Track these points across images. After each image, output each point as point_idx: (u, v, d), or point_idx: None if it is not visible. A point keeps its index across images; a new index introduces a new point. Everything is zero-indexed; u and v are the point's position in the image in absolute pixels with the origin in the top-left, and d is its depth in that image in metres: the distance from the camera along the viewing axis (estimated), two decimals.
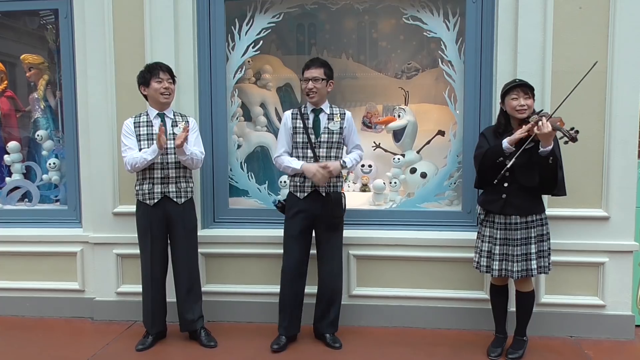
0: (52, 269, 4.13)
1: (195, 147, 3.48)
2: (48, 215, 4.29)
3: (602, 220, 3.57)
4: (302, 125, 3.43)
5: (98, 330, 3.86)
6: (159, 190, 3.42)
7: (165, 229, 3.49)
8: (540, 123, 2.89)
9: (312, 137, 3.42)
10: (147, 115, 3.47)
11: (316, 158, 3.40)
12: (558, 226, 3.53)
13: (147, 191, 3.42)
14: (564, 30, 3.51)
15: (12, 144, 4.52)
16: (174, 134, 3.44)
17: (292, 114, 3.49)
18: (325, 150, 3.43)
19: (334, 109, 3.50)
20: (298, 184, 3.43)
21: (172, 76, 3.46)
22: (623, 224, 3.56)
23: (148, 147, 3.39)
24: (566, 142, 2.92)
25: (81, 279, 4.10)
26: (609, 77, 3.49)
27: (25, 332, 3.86)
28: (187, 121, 3.53)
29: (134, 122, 3.46)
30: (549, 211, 3.45)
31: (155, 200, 3.42)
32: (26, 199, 4.47)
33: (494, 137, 3.25)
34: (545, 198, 3.34)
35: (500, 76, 3.57)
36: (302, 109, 3.48)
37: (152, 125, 3.43)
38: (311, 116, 3.45)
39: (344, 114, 3.51)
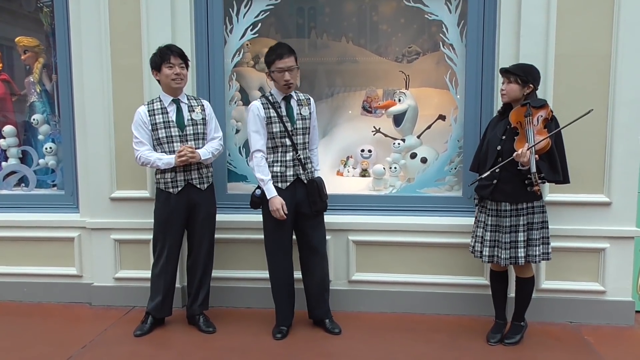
0: (50, 255, 4.11)
1: (213, 142, 3.49)
2: (45, 200, 4.26)
3: (604, 206, 3.54)
4: (275, 115, 3.32)
5: (96, 316, 3.85)
6: (182, 177, 3.39)
7: (186, 217, 3.47)
8: (520, 151, 2.91)
9: (288, 125, 3.33)
10: (161, 101, 3.42)
11: (294, 146, 3.33)
12: (559, 212, 3.51)
13: (169, 179, 3.38)
14: (568, 12, 3.44)
15: (7, 128, 4.47)
16: (191, 119, 3.41)
17: (262, 104, 3.35)
18: (301, 137, 3.36)
19: (298, 94, 3.44)
20: (279, 174, 3.34)
21: (185, 60, 3.40)
22: (624, 210, 3.53)
23: (166, 136, 3.36)
24: (527, 180, 2.99)
25: (79, 264, 4.09)
26: (613, 61, 3.44)
27: (23, 317, 3.85)
28: (203, 105, 3.50)
29: (148, 111, 3.39)
30: (550, 196, 3.43)
31: (179, 188, 3.39)
32: (23, 184, 4.43)
33: (496, 122, 3.27)
34: (547, 183, 3.31)
35: (502, 60, 3.52)
36: (271, 98, 3.37)
37: (167, 112, 3.39)
38: (283, 104, 3.35)
39: (309, 99, 3.47)
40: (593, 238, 3.58)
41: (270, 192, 3.29)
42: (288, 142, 3.33)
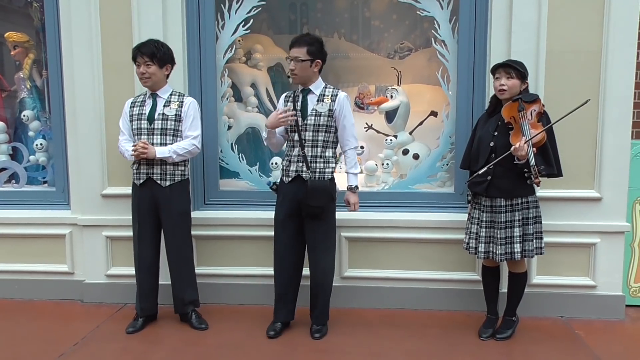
0: (41, 252, 4.08)
1: (183, 141, 3.39)
2: (36, 197, 4.22)
3: (594, 201, 3.56)
4: (291, 108, 3.28)
5: (88, 313, 3.84)
6: (144, 171, 3.38)
7: (154, 213, 3.46)
8: (518, 145, 2.89)
9: (300, 119, 3.27)
10: (145, 94, 3.46)
11: (301, 142, 3.26)
12: (550, 207, 3.52)
13: (135, 171, 3.41)
14: (559, 9, 3.46)
15: None
16: (163, 113, 3.39)
17: (286, 96, 3.37)
18: (311, 133, 3.24)
19: (327, 89, 3.29)
20: (284, 167, 3.34)
21: (153, 57, 3.30)
22: (615, 205, 3.56)
23: (136, 127, 3.40)
24: (526, 174, 2.95)
25: (70, 261, 4.06)
26: (603, 57, 3.46)
27: (14, 314, 3.83)
28: (183, 101, 3.43)
29: (131, 103, 3.46)
30: (541, 192, 3.44)
31: (141, 181, 3.40)
32: (13, 181, 4.40)
33: (485, 119, 3.26)
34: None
35: (494, 56, 3.52)
36: (296, 91, 3.35)
37: (144, 105, 3.41)
38: (300, 97, 3.31)
39: (336, 95, 3.26)
40: (584, 233, 3.60)
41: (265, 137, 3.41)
42: (296, 137, 3.27)
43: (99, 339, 3.40)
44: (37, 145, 4.36)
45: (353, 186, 3.35)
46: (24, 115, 4.41)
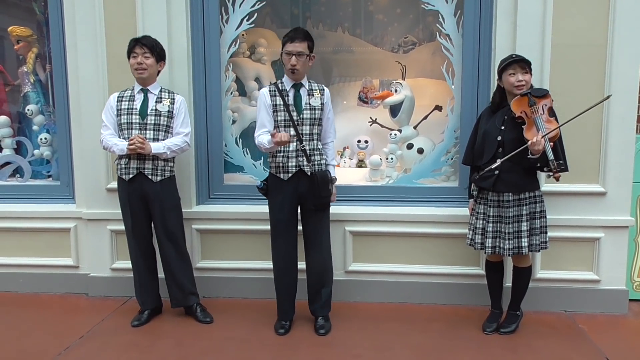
0: (46, 245, 4.10)
1: (175, 137, 3.42)
2: (40, 191, 4.24)
3: (599, 196, 3.56)
4: (282, 103, 3.24)
5: (93, 306, 3.85)
6: (135, 165, 3.37)
7: (145, 205, 3.45)
8: (535, 139, 2.86)
9: (294, 114, 3.25)
10: (133, 89, 3.44)
11: (299, 136, 3.25)
12: (555, 202, 3.53)
13: (123, 165, 3.38)
14: (564, 2, 3.45)
15: (1, 119, 4.44)
16: (155, 109, 3.39)
17: (270, 90, 3.27)
18: (308, 127, 3.26)
19: (312, 84, 3.33)
20: (281, 164, 3.27)
21: (153, 50, 3.34)
22: (619, 200, 3.56)
23: (127, 122, 3.37)
24: (545, 169, 2.98)
25: (75, 255, 4.08)
26: (608, 50, 3.45)
27: (19, 308, 3.85)
28: (174, 98, 3.45)
29: (118, 97, 3.43)
30: (546, 186, 3.45)
31: (131, 176, 3.38)
32: (18, 175, 4.41)
33: (489, 114, 3.25)
34: (542, 173, 3.32)
35: (499, 50, 3.52)
36: (280, 85, 3.30)
37: (134, 100, 3.40)
38: (291, 92, 3.27)
39: (323, 89, 3.35)
40: (588, 228, 3.60)
41: (270, 142, 3.17)
42: (292, 131, 3.24)
43: (104, 332, 3.42)
44: (41, 139, 4.37)
45: (335, 177, 3.42)
46: (28, 110, 4.41)
